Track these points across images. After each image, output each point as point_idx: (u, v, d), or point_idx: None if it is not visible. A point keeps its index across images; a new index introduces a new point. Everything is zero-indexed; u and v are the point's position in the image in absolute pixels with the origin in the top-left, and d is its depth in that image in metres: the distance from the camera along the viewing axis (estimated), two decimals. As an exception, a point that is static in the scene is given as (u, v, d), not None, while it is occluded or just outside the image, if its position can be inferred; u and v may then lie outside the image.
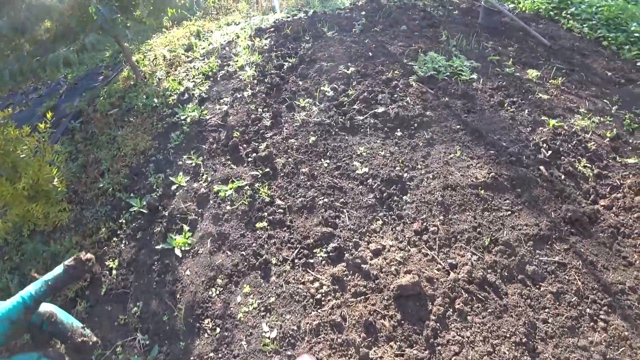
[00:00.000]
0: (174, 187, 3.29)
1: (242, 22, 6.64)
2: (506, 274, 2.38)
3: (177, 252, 2.72)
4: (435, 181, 2.89)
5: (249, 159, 3.37)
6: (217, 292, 2.44)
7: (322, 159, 3.21)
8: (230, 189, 3.10)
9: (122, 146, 3.87)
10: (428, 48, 4.66)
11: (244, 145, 3.55)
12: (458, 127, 3.40)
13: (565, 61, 4.63)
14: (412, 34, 5.13)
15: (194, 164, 3.46)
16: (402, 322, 2.14)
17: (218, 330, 2.27)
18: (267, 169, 3.18)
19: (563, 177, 3.06)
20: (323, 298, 2.29)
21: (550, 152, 3.20)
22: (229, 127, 3.81)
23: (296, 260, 2.52)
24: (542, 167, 3.09)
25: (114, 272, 2.75)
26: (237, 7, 7.44)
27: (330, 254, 2.51)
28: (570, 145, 3.28)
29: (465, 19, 5.73)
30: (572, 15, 5.73)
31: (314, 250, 2.55)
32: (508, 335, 2.09)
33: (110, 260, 2.84)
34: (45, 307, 0.72)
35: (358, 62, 4.48)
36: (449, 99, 3.73)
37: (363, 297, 2.28)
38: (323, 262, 2.49)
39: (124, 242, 2.95)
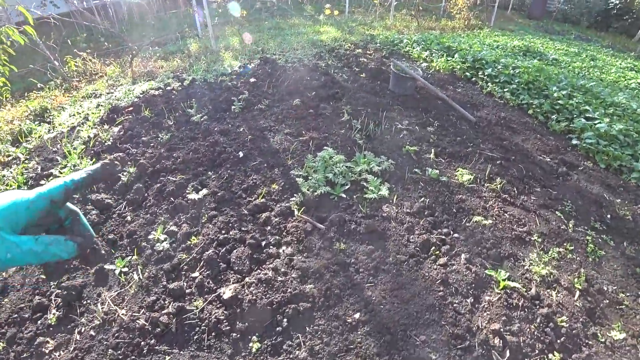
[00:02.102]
0: None
1: (105, 94, 4.76)
2: None
3: None
4: None
5: None
6: None
7: None
8: None
9: None
10: (323, 137, 3.18)
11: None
12: (357, 315, 1.85)
13: (496, 144, 3.42)
14: (306, 112, 3.65)
15: None
16: None
17: None
18: None
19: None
20: None
21: (507, 353, 1.77)
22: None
23: None
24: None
25: None
26: (106, 72, 5.52)
27: None
28: (533, 328, 1.87)
29: (374, 84, 4.44)
30: (490, 77, 4.72)
31: None
32: None
33: None
34: (73, 207, 0.55)
35: (221, 170, 2.86)
36: (345, 245, 2.20)
37: None
38: None
39: None
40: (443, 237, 2.27)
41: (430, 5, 9.58)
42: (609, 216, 2.70)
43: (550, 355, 1.77)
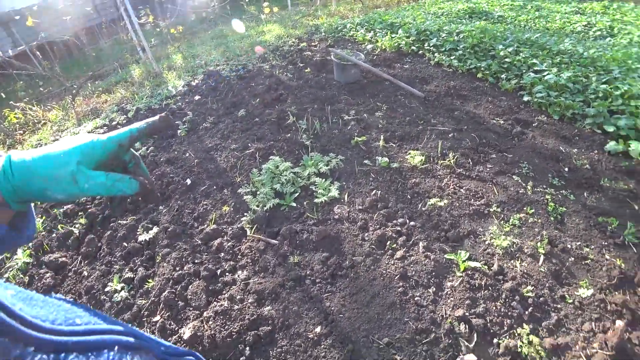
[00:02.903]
0: None
1: (50, 142, 4.53)
2: None
3: None
4: None
5: None
6: None
7: None
8: None
9: None
10: (269, 146, 3.06)
11: None
12: (318, 329, 1.75)
13: (447, 116, 3.35)
14: (251, 122, 3.51)
15: None
16: None
17: None
18: None
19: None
20: None
21: (475, 337, 1.71)
22: None
23: None
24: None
25: None
26: (49, 118, 5.25)
27: None
28: (499, 305, 1.81)
29: (319, 77, 4.31)
30: (436, 47, 4.64)
31: None
32: None
33: None
34: (135, 152, 0.63)
35: (171, 202, 2.72)
36: (300, 257, 2.11)
37: None
38: None
39: None
40: (399, 228, 2.19)
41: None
42: (566, 169, 2.66)
43: (519, 329, 1.71)
